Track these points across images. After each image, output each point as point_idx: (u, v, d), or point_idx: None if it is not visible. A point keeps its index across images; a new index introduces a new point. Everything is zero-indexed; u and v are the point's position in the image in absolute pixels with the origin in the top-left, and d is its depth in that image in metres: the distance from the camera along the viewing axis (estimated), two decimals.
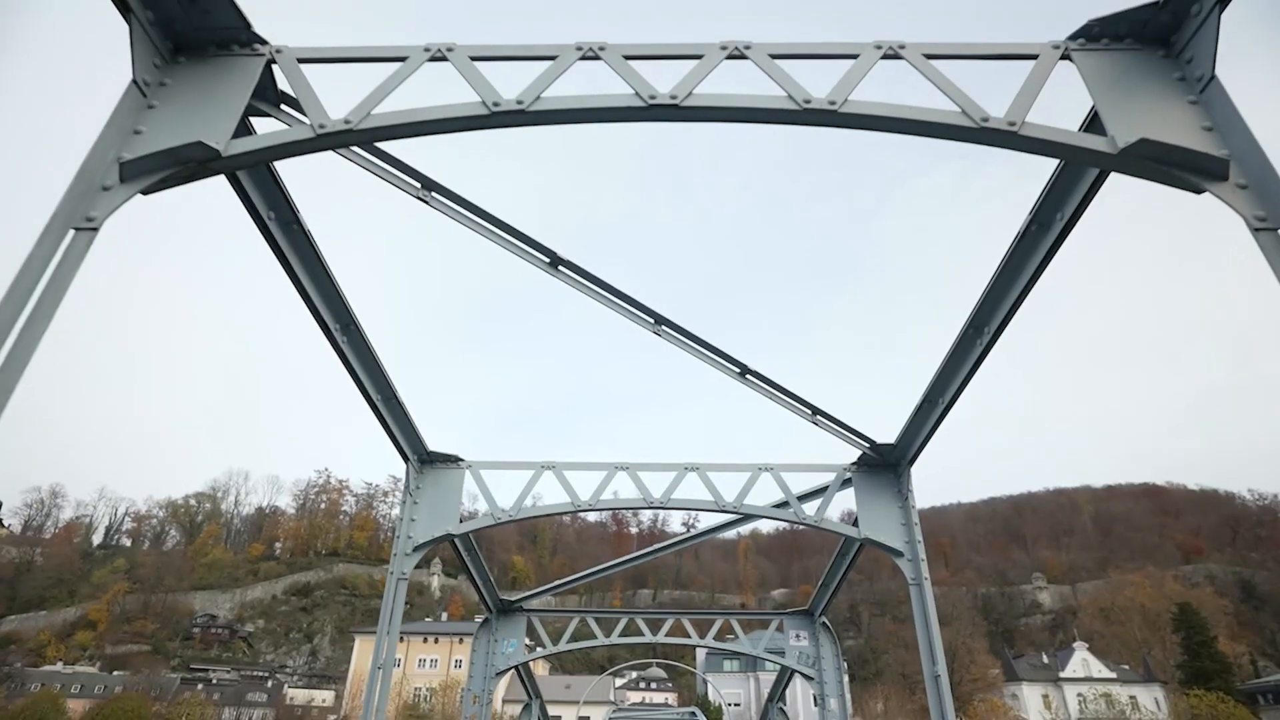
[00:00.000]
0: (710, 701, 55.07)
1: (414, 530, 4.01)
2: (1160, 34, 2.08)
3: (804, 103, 1.99)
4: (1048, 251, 2.66)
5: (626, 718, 31.10)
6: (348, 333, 3.14)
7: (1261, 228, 1.72)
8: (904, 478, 4.21)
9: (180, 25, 2.08)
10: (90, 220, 1.74)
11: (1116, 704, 62.88)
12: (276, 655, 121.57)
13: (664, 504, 4.17)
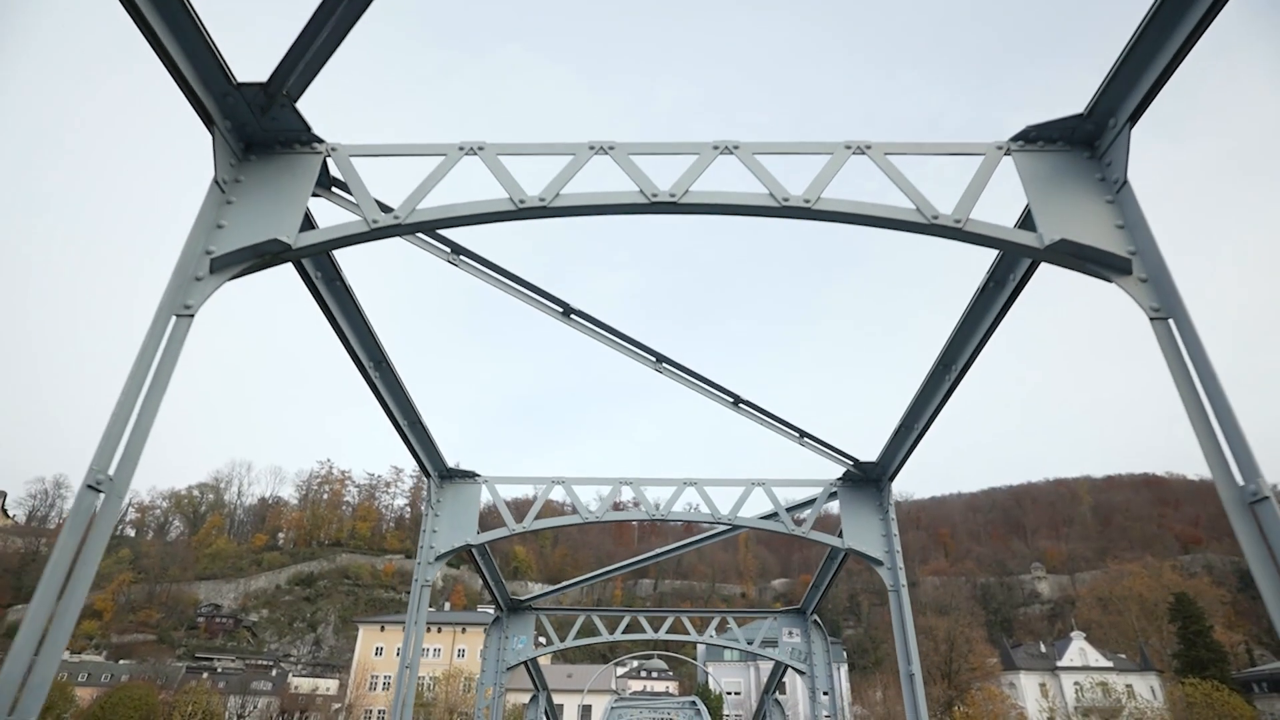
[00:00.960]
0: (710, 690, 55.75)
1: (436, 541, 4.36)
2: (1086, 138, 2.41)
3: (783, 200, 2.32)
4: (1004, 305, 3.00)
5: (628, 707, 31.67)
6: (380, 369, 3.48)
7: (1156, 317, 2.06)
8: (885, 492, 4.56)
9: (251, 129, 2.41)
10: (188, 308, 2.08)
11: (1112, 693, 63.50)
12: (280, 644, 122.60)
13: (664, 517, 4.52)
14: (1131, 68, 2.17)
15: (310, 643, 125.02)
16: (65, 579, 1.61)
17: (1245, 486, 1.77)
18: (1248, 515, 1.76)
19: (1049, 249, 2.25)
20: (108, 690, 64.66)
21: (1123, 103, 2.26)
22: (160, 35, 2.00)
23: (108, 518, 1.77)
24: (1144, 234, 2.17)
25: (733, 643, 8.24)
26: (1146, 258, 2.15)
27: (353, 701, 65.78)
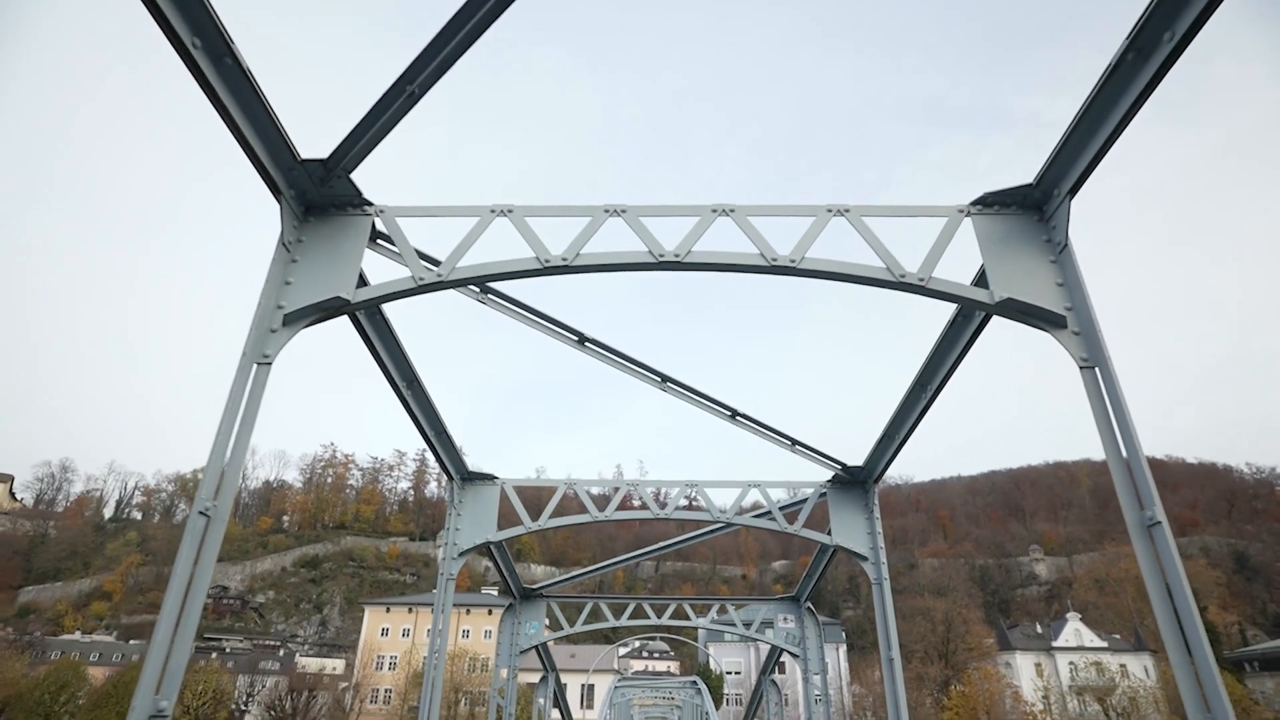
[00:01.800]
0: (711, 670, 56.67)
1: (459, 538, 4.75)
2: (1036, 203, 2.76)
3: (772, 260, 2.67)
4: (971, 335, 3.35)
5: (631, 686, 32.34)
6: (411, 388, 3.84)
7: (1084, 366, 2.42)
8: (870, 494, 4.95)
9: (311, 196, 2.76)
10: (266, 357, 2.44)
11: (1106, 672, 64.31)
12: (287, 625, 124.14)
13: (667, 516, 4.91)
14: (1071, 148, 2.51)
15: (316, 624, 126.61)
16: (186, 587, 1.99)
17: (1144, 512, 2.13)
18: (1145, 536, 2.12)
19: (998, 305, 2.61)
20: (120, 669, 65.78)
21: (1064, 177, 2.61)
22: (238, 120, 2.34)
23: (214, 536, 2.14)
24: (1079, 293, 2.52)
25: (730, 627, 8.71)
26: (1079, 314, 2.51)
27: (360, 681, 66.80)
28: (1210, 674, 1.87)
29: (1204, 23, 2.01)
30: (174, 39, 2.08)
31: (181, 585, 2.00)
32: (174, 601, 1.93)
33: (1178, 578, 1.97)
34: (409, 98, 2.36)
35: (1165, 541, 2.04)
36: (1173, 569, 2.00)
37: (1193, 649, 1.94)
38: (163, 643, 1.90)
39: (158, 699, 1.88)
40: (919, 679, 64.24)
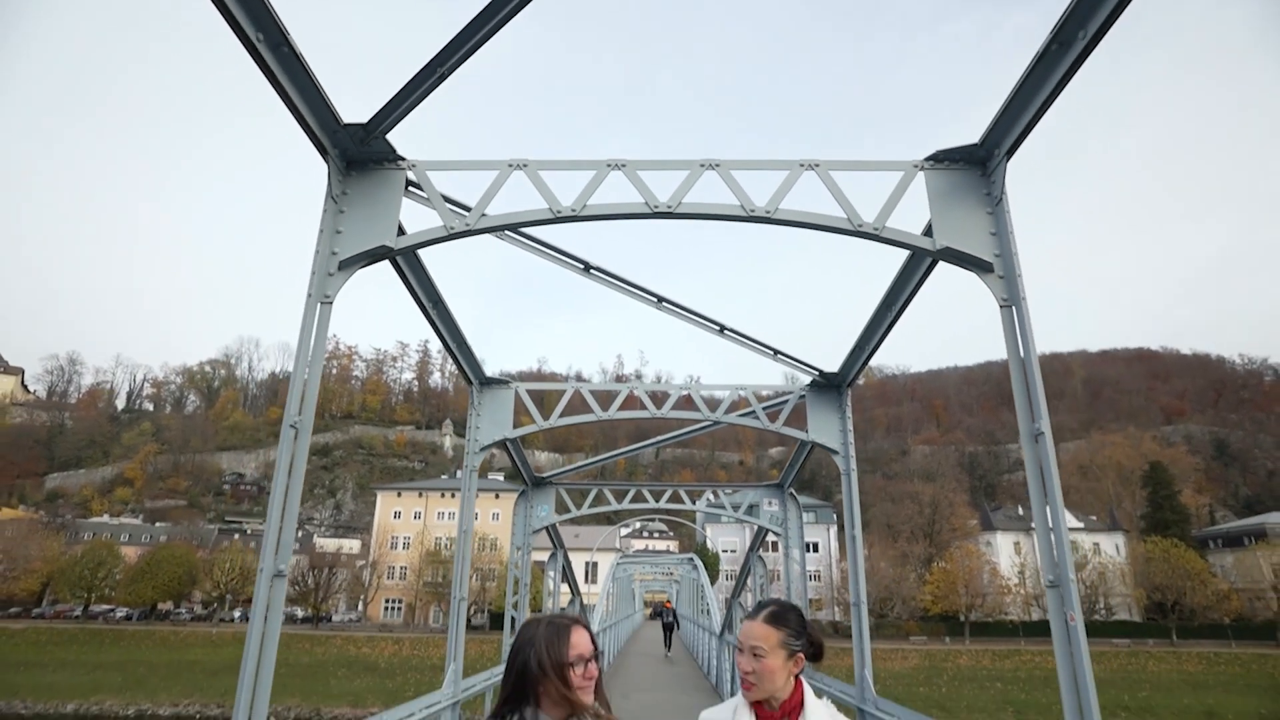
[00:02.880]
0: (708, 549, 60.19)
1: (479, 435, 5.40)
2: (980, 160, 3.13)
3: (750, 210, 3.08)
4: (924, 273, 3.83)
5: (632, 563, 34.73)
6: (437, 308, 4.33)
7: (1003, 305, 2.90)
8: (843, 396, 5.55)
9: (353, 154, 3.14)
10: (327, 297, 2.92)
11: (1080, 549, 68.01)
12: (303, 509, 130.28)
13: (664, 415, 5.52)
14: (1009, 116, 2.88)
15: (331, 508, 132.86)
16: (285, 489, 2.57)
17: (1034, 424, 2.69)
18: (1033, 443, 2.68)
19: (938, 251, 3.06)
20: (150, 549, 69.90)
21: (1002, 141, 2.98)
22: (292, 96, 2.70)
23: (302, 444, 2.71)
24: (1007, 242, 2.96)
25: (722, 510, 9.67)
26: (1005, 260, 2.96)
27: (377, 559, 70.86)
28: (1062, 543, 2.48)
29: (1111, 24, 2.32)
30: (241, 35, 2.42)
31: (283, 478, 2.58)
32: (279, 491, 2.53)
33: (1051, 474, 2.55)
34: (439, 78, 2.70)
35: (1046, 448, 2.60)
36: (1049, 468, 2.58)
37: (1053, 524, 2.54)
38: (274, 521, 2.51)
39: (276, 562, 2.51)
40: (904, 557, 68.39)
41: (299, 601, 66.98)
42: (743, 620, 1.95)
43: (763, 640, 1.86)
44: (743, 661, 1.88)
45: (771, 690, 1.86)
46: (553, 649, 1.65)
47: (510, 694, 1.69)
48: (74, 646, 49.86)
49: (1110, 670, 47.21)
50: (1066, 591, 2.47)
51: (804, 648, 1.90)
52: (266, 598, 2.56)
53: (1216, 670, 46.60)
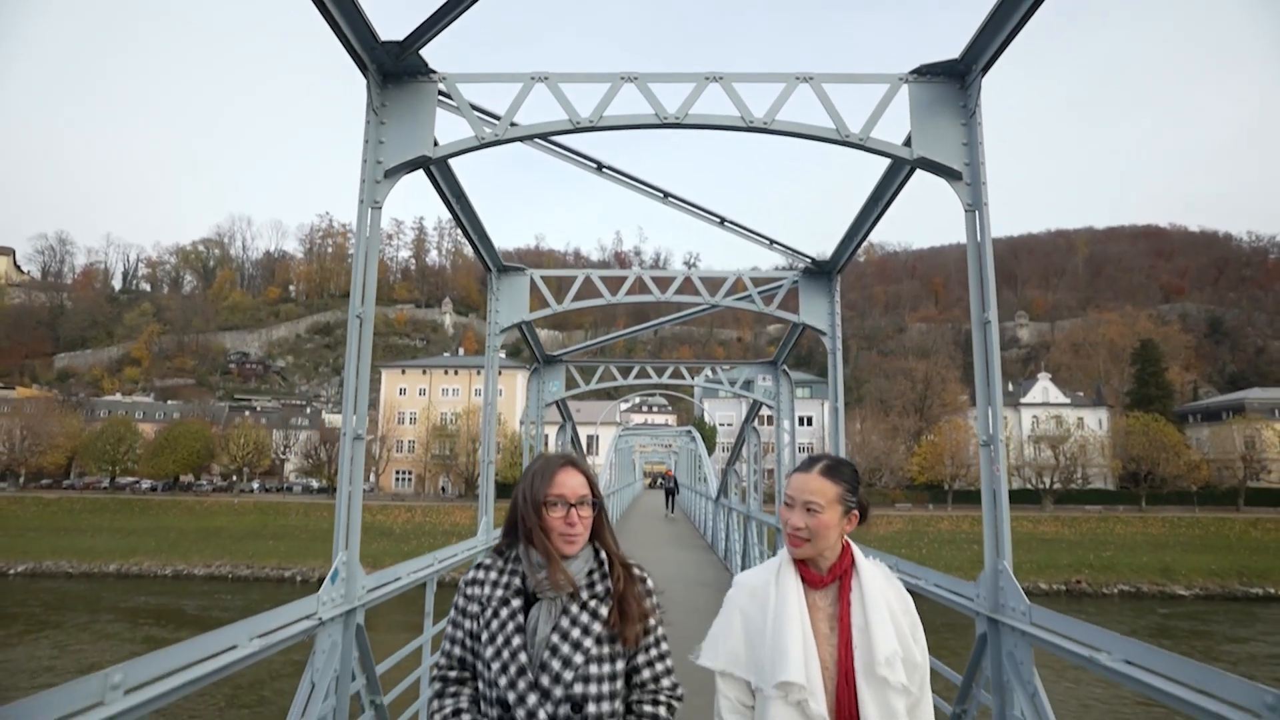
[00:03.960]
0: (705, 423, 62.43)
1: (499, 319, 5.92)
2: (959, 74, 3.40)
3: (750, 121, 3.39)
4: (906, 175, 4.17)
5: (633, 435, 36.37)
6: (460, 201, 4.68)
7: (968, 210, 3.28)
8: (833, 282, 6.01)
9: (389, 68, 3.40)
10: (376, 203, 3.30)
11: (1064, 424, 70.53)
12: (309, 387, 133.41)
13: (667, 298, 6.01)
14: (987, 34, 3.14)
15: (336, 385, 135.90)
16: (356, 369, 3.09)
17: (984, 314, 3.16)
18: (982, 331, 3.17)
19: (915, 160, 3.42)
20: (166, 425, 72.46)
21: (980, 57, 3.25)
22: (335, 15, 2.96)
23: (367, 332, 3.21)
24: (976, 152, 3.31)
25: (719, 385, 10.38)
26: (973, 169, 3.32)
27: (385, 434, 73.43)
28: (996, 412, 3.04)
29: None
30: None
31: (354, 360, 3.11)
32: (351, 370, 3.07)
33: (993, 355, 3.06)
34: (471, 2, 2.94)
35: (991, 334, 3.09)
36: (992, 350, 3.09)
37: (990, 399, 3.08)
38: (350, 394, 3.07)
39: (355, 427, 3.08)
40: (895, 430, 71.04)
41: (314, 473, 70.26)
42: (791, 474, 1.80)
43: (819, 495, 1.70)
44: (793, 517, 1.71)
45: (822, 549, 1.70)
46: (535, 485, 1.58)
47: (509, 529, 1.65)
48: (106, 515, 52.91)
49: (1080, 533, 50.52)
50: (995, 449, 3.06)
51: (858, 505, 1.76)
52: (350, 455, 3.15)
53: (1178, 533, 49.78)
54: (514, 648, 1.50)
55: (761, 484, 12.35)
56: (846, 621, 1.66)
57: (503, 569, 1.61)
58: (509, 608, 1.54)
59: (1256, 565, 41.19)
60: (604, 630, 1.54)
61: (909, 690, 1.61)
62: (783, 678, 1.58)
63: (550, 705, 1.46)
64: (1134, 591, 39.22)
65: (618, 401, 60.05)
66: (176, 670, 1.89)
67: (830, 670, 1.63)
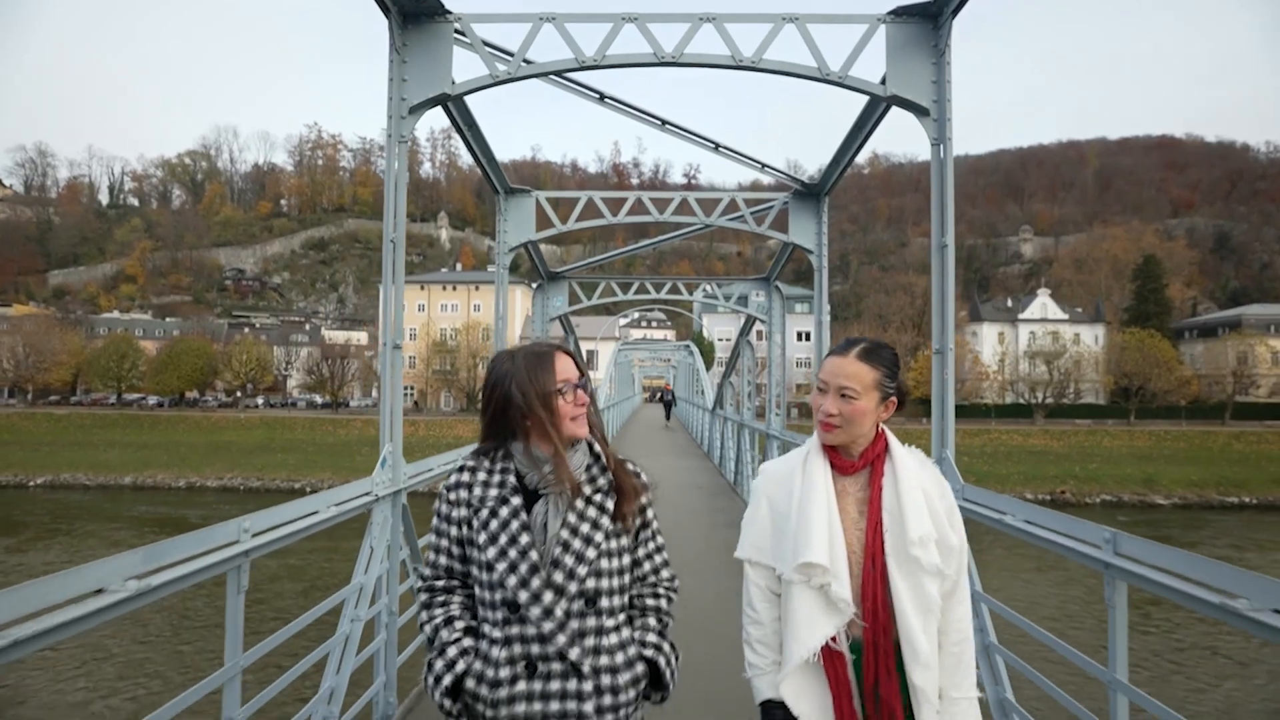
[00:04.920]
0: (704, 338, 63.12)
1: (507, 238, 6.32)
2: (932, 15, 3.67)
3: (739, 60, 3.69)
4: (883, 110, 4.48)
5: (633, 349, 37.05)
6: (472, 130, 4.99)
7: (934, 143, 3.64)
8: (821, 203, 6.37)
9: (408, 9, 3.68)
10: (404, 138, 3.65)
11: (1060, 340, 71.09)
12: (308, 303, 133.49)
13: (664, 219, 6.38)
14: None
15: (334, 301, 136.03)
16: (391, 284, 3.54)
17: (942, 238, 3.58)
18: (940, 256, 3.60)
19: (889, 97, 3.75)
20: (167, 343, 73.07)
21: None
22: None
23: (400, 255, 3.65)
24: (944, 90, 3.64)
25: (714, 300, 10.85)
26: (940, 105, 3.66)
27: None
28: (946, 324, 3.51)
29: None
30: None
31: (389, 276, 3.57)
32: (388, 285, 3.52)
33: (948, 276, 3.50)
34: None
35: (948, 257, 3.52)
36: (947, 272, 3.53)
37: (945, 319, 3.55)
38: (388, 306, 3.53)
39: (393, 338, 3.57)
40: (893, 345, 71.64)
41: (317, 389, 71.47)
42: (826, 357, 1.70)
43: (855, 380, 1.59)
44: (826, 403, 1.61)
45: (856, 435, 1.62)
46: (536, 378, 1.51)
47: (490, 430, 1.58)
48: (117, 429, 54.24)
49: (1068, 446, 52.00)
50: (946, 357, 3.56)
51: (897, 392, 1.65)
52: (390, 362, 3.65)
53: (1163, 446, 51.26)
54: (522, 545, 1.45)
55: (755, 395, 13.01)
56: (877, 504, 1.58)
57: (491, 469, 1.54)
58: (509, 506, 1.49)
59: (1235, 476, 42.72)
60: (611, 524, 1.51)
61: (943, 574, 1.54)
62: (804, 559, 1.52)
63: (565, 601, 1.43)
64: (1115, 501, 40.87)
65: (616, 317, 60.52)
66: (281, 524, 2.46)
67: (857, 554, 1.56)
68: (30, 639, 1.46)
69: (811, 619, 1.53)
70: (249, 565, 2.31)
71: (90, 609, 1.63)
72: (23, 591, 1.49)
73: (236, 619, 2.27)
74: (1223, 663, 14.13)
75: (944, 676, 1.55)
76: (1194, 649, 14.77)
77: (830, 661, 1.53)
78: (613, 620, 1.50)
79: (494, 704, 1.42)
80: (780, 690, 1.56)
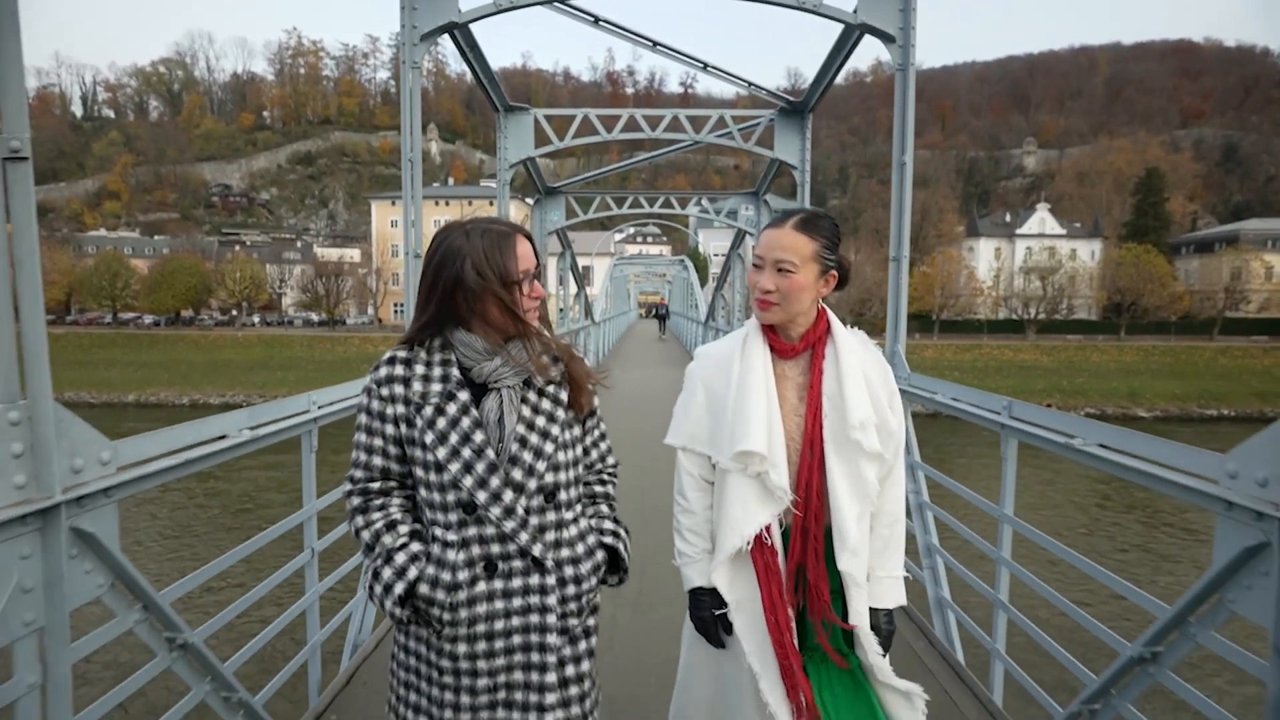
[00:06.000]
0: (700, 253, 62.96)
1: (507, 155, 6.65)
2: None
3: None
4: (858, 36, 4.77)
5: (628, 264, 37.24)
6: (474, 50, 5.27)
7: (898, 69, 3.99)
8: (805, 120, 6.69)
9: None
10: (416, 64, 3.97)
11: (1056, 255, 70.90)
12: (298, 220, 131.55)
13: (658, 136, 6.71)
14: None
15: (325, 218, 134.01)
16: (410, 199, 3.96)
17: (902, 157, 3.99)
18: (899, 172, 4.02)
19: (858, 25, 4.08)
20: (159, 261, 72.43)
21: None
22: None
23: (418, 173, 4.04)
24: (909, 19, 3.97)
25: (706, 215, 11.23)
26: (904, 34, 4.00)
27: (379, 267, 73.64)
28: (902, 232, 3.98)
29: None
30: None
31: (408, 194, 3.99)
32: (408, 199, 3.96)
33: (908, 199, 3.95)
34: None
35: (906, 174, 3.97)
36: (906, 187, 3.98)
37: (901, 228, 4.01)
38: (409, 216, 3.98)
39: (416, 249, 4.03)
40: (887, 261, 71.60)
41: (312, 307, 71.54)
42: (762, 230, 1.61)
43: (792, 251, 1.50)
44: (762, 279, 1.53)
45: (794, 314, 1.54)
46: (495, 261, 1.36)
47: (433, 315, 1.40)
48: (116, 348, 54.60)
49: (1057, 361, 52.94)
50: (901, 264, 4.06)
51: (837, 266, 1.57)
52: (413, 271, 4.13)
53: (1150, 360, 52.19)
54: (477, 444, 1.34)
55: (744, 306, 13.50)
56: (817, 390, 1.54)
57: (429, 361, 1.40)
58: (456, 402, 1.36)
59: (1217, 389, 43.76)
60: (565, 416, 1.43)
61: (882, 457, 1.52)
62: (741, 447, 1.49)
63: (525, 499, 1.36)
64: (1099, 414, 42.01)
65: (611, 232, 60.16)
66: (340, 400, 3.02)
67: (795, 441, 1.53)
68: (178, 466, 2.02)
69: (747, 507, 1.50)
70: (316, 430, 2.88)
71: (218, 447, 2.20)
72: (172, 433, 2.03)
73: (310, 472, 2.86)
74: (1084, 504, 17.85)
75: (873, 557, 1.55)
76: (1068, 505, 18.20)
77: (760, 550, 1.51)
78: (570, 513, 1.45)
79: (452, 607, 1.35)
80: (713, 578, 1.55)
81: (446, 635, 1.36)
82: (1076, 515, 17.37)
